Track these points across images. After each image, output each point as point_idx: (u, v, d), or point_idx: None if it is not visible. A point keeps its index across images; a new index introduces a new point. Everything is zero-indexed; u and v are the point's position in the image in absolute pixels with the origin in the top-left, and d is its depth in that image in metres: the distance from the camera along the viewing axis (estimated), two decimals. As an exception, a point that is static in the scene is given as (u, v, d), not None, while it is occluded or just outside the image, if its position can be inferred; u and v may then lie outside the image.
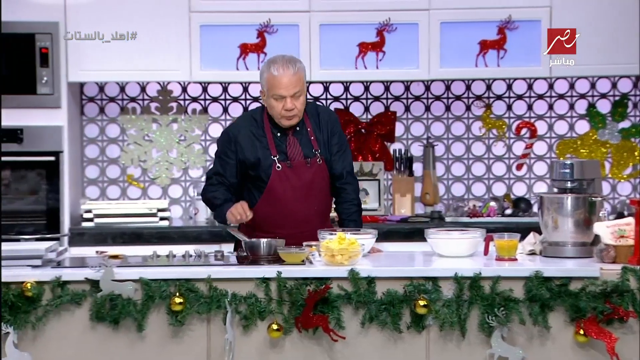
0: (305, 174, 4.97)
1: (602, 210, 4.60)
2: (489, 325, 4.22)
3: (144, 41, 6.26)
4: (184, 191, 6.81)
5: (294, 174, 4.95)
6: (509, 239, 4.52)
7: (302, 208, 4.93)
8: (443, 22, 6.36)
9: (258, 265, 4.43)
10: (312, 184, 4.97)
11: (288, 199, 4.94)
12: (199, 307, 4.25)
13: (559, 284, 4.24)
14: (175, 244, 5.62)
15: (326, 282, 4.25)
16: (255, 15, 6.37)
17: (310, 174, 4.98)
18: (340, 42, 6.41)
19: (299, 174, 4.96)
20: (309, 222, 4.91)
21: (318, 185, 4.99)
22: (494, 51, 6.37)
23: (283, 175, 4.95)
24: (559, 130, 6.82)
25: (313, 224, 4.88)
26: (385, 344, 4.28)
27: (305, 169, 4.98)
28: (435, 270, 4.34)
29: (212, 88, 6.78)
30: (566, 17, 6.31)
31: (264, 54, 6.38)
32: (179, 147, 6.78)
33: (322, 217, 5.03)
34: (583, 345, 4.25)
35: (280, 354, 4.30)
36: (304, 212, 4.93)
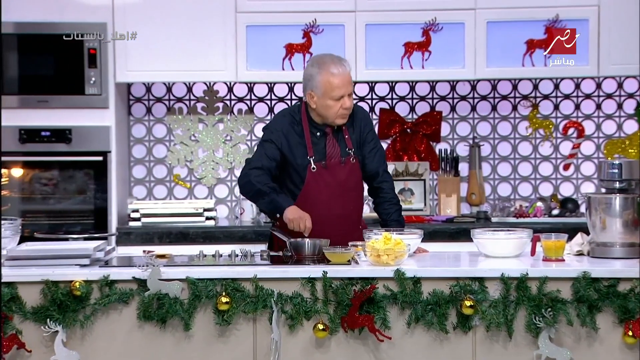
0: (339, 174, 4.99)
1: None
2: (536, 326, 4.20)
3: (190, 41, 6.29)
4: (230, 191, 6.83)
5: (329, 173, 4.97)
6: (556, 239, 4.49)
7: (336, 207, 4.95)
8: (489, 21, 6.33)
9: (303, 265, 4.44)
10: (347, 183, 4.99)
11: (323, 198, 4.95)
12: (245, 306, 4.26)
13: (607, 284, 4.21)
14: (221, 244, 5.65)
15: (372, 282, 4.25)
16: (301, 16, 6.37)
17: (345, 174, 5.00)
18: (385, 42, 6.40)
19: (333, 174, 4.97)
20: (343, 221, 4.93)
21: (352, 184, 5.02)
22: (540, 50, 6.32)
23: (318, 176, 4.97)
24: (607, 129, 6.76)
25: (347, 222, 4.91)
26: (431, 344, 4.27)
27: (339, 169, 4.99)
28: (482, 270, 4.32)
29: (258, 88, 6.80)
30: (614, 15, 6.25)
31: (309, 54, 6.38)
32: (224, 147, 6.81)
33: (356, 215, 5.05)
34: (632, 346, 4.21)
35: (326, 353, 4.30)
36: (338, 211, 4.94)
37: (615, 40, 6.27)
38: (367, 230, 4.78)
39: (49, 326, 4.26)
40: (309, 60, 5.14)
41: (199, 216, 6.35)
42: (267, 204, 4.93)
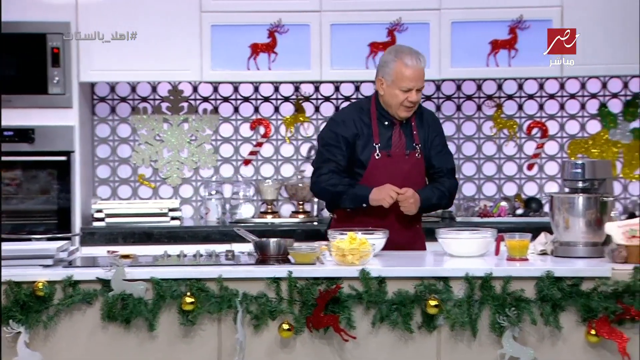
0: (403, 165, 5.01)
1: (614, 210, 4.59)
2: (500, 325, 4.21)
3: (154, 41, 6.27)
4: (195, 191, 6.81)
5: (392, 163, 4.99)
6: (520, 239, 4.51)
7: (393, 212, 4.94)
8: (454, 21, 6.36)
9: (268, 265, 4.43)
10: (409, 176, 5.00)
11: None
12: (209, 306, 4.25)
13: (571, 284, 4.23)
14: (186, 244, 5.62)
15: (337, 282, 4.25)
16: (266, 15, 6.37)
17: (408, 166, 5.02)
18: (351, 41, 6.41)
19: (396, 164, 5.00)
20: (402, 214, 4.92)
21: (414, 177, 5.02)
22: (505, 51, 6.36)
23: (381, 164, 4.99)
24: (570, 130, 6.81)
25: (406, 215, 4.92)
26: (396, 344, 4.28)
27: (403, 160, 5.01)
28: (446, 270, 4.34)
29: (223, 88, 6.79)
30: (577, 16, 6.30)
31: (274, 54, 6.38)
32: (189, 147, 6.79)
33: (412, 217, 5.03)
34: (594, 345, 4.24)
35: (291, 353, 4.29)
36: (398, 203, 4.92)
37: (579, 41, 6.30)
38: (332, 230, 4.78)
39: (11, 327, 4.23)
40: (388, 49, 5.14)
41: (163, 216, 6.33)
42: (350, 202, 4.97)
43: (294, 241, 4.62)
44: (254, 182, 6.80)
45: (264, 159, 6.85)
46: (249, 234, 4.80)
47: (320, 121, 6.82)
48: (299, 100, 6.82)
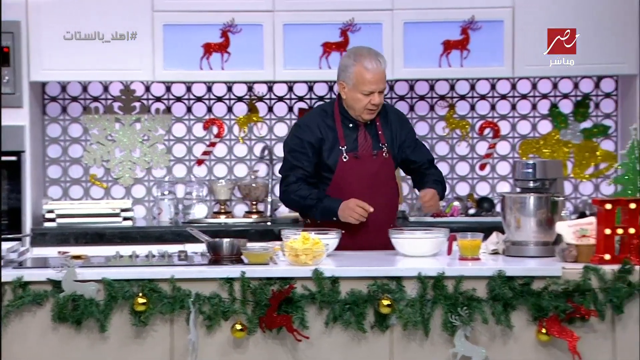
0: (371, 166, 5.00)
1: (564, 209, 4.63)
2: (452, 324, 4.23)
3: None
4: (148, 191, 6.78)
5: (360, 165, 4.99)
6: (472, 238, 4.53)
7: (367, 200, 4.90)
8: (406, 22, 6.38)
9: (221, 265, 4.42)
10: (378, 176, 5.00)
11: (354, 190, 4.95)
12: (162, 307, 4.23)
13: (522, 283, 4.26)
14: (139, 244, 5.59)
15: (290, 282, 4.25)
16: (219, 15, 6.35)
17: (376, 166, 5.02)
18: (304, 42, 6.41)
19: (364, 166, 4.99)
20: (374, 215, 4.89)
21: (383, 177, 5.03)
22: (457, 51, 6.39)
23: (349, 166, 4.98)
24: (522, 130, 6.86)
25: (378, 216, 4.90)
26: (349, 343, 4.28)
27: (371, 161, 5.01)
28: (399, 270, 4.35)
29: (176, 88, 6.76)
30: (528, 17, 6.35)
31: (227, 54, 6.37)
32: (142, 147, 6.75)
33: (387, 210, 5.03)
34: (545, 344, 4.27)
35: (244, 354, 4.29)
36: (369, 204, 4.89)
37: (530, 42, 6.36)
38: (286, 230, 4.78)
39: (-40, 329, 4.18)
40: (346, 51, 5.14)
41: (115, 216, 6.29)
42: (320, 215, 4.94)
43: (247, 241, 4.61)
44: (207, 182, 6.78)
45: (217, 159, 6.83)
46: (201, 234, 4.78)
47: (274, 121, 6.82)
48: (252, 100, 6.81)
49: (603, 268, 4.24)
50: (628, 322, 4.24)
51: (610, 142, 6.82)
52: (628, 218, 4.34)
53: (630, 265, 4.24)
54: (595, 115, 6.82)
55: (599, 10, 6.35)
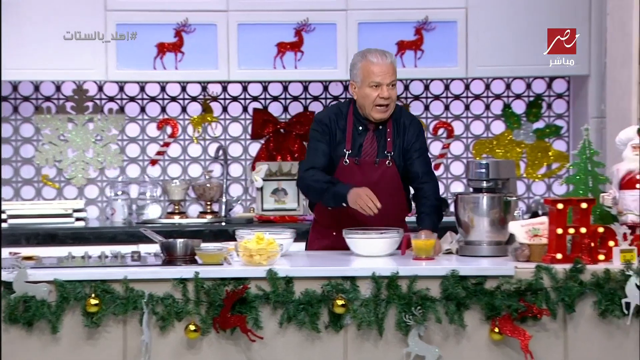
0: (371, 174, 4.92)
1: (517, 209, 4.66)
2: (406, 324, 4.24)
3: (58, 39, 6.18)
4: (101, 191, 6.73)
5: (360, 171, 4.91)
6: (426, 238, 4.55)
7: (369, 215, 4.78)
8: (360, 22, 6.40)
9: (175, 265, 4.40)
10: (378, 185, 4.87)
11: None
12: (115, 308, 4.20)
13: (475, 282, 4.28)
14: (91, 245, 5.56)
15: (244, 283, 4.24)
16: (173, 14, 6.33)
17: (377, 175, 4.93)
18: (258, 41, 6.40)
19: (365, 173, 4.91)
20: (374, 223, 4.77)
21: (385, 186, 4.90)
22: (411, 52, 6.42)
23: (348, 171, 4.91)
24: (475, 130, 6.90)
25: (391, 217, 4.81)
26: (303, 343, 4.28)
27: (372, 169, 4.93)
28: (353, 269, 4.35)
29: (129, 87, 6.72)
30: (482, 18, 6.39)
31: (181, 54, 6.35)
32: (95, 147, 6.71)
33: (387, 220, 4.81)
34: (498, 343, 4.29)
35: (198, 354, 4.27)
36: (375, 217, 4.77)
37: (483, 43, 6.41)
38: (241, 230, 4.77)
39: None
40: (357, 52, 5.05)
41: (68, 217, 6.25)
42: (331, 200, 4.82)
43: (201, 242, 4.60)
44: (161, 182, 6.74)
45: (171, 159, 6.80)
46: (155, 235, 4.75)
47: (229, 121, 6.80)
48: (207, 100, 6.79)
49: (555, 267, 4.28)
50: (579, 321, 4.28)
51: (562, 142, 6.88)
52: (579, 218, 4.38)
53: (582, 265, 4.27)
54: (548, 116, 6.88)
55: (550, 11, 6.41)
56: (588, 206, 4.39)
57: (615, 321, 4.27)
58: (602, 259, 4.36)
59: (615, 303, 4.24)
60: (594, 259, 4.35)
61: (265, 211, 6.69)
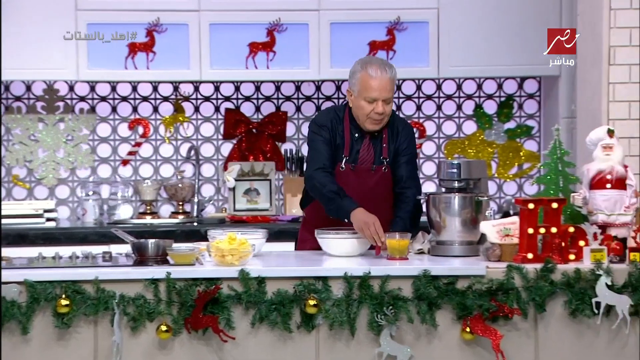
0: (367, 180, 4.91)
1: (488, 209, 4.67)
2: (378, 324, 4.25)
3: (29, 39, 6.14)
4: (72, 192, 6.70)
5: (356, 178, 4.89)
6: (400, 238, 4.55)
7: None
8: (333, 22, 6.40)
9: (146, 266, 4.39)
10: (373, 191, 4.88)
11: None
12: (85, 308, 4.19)
13: (446, 282, 4.29)
14: (62, 245, 5.53)
15: (216, 283, 4.23)
16: (144, 14, 6.31)
17: (373, 181, 4.92)
18: (230, 41, 6.40)
19: (360, 179, 4.90)
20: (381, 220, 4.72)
21: (380, 192, 4.91)
22: (383, 52, 6.43)
23: (344, 177, 4.88)
24: (447, 130, 6.92)
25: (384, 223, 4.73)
26: (275, 343, 4.28)
27: (368, 175, 4.92)
28: (325, 269, 4.35)
29: (100, 87, 6.69)
30: (453, 19, 6.41)
31: (153, 53, 6.33)
32: (66, 147, 6.68)
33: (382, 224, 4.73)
34: (469, 342, 4.31)
35: (169, 355, 4.26)
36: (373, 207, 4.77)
37: (455, 43, 6.43)
38: (212, 230, 4.76)
39: None
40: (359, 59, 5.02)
41: (38, 217, 6.21)
42: (334, 211, 4.77)
43: (173, 242, 4.58)
44: (132, 182, 6.72)
45: (142, 159, 6.78)
46: (126, 235, 4.73)
47: (200, 121, 6.79)
48: (178, 100, 6.77)
49: (526, 267, 4.29)
50: (550, 320, 4.30)
51: (534, 142, 6.91)
52: (550, 217, 4.40)
53: (552, 264, 4.29)
54: (519, 116, 6.91)
55: (522, 12, 6.44)
56: (559, 206, 4.41)
57: (585, 320, 4.29)
58: (572, 258, 4.38)
59: (585, 302, 4.27)
60: (565, 258, 4.38)
61: (237, 211, 6.68)
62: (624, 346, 4.30)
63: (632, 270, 4.29)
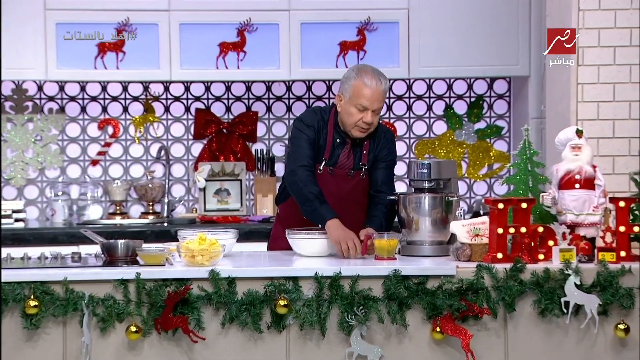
0: (344, 185, 4.91)
1: (459, 209, 4.68)
2: (349, 324, 4.25)
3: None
4: (41, 192, 6.66)
5: (333, 181, 4.89)
6: (388, 238, 4.55)
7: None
8: (303, 22, 6.40)
9: (116, 266, 4.37)
10: (349, 196, 4.88)
11: None
12: (54, 309, 4.16)
13: (417, 282, 4.30)
14: (31, 246, 5.50)
15: (186, 283, 4.22)
16: (113, 14, 6.29)
17: (350, 186, 4.92)
18: (200, 41, 6.39)
19: (337, 183, 4.89)
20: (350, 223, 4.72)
21: (356, 197, 4.91)
22: (353, 52, 6.44)
23: (321, 180, 4.86)
24: (418, 130, 6.93)
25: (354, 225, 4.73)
26: (246, 344, 4.27)
27: (345, 180, 4.92)
28: (296, 270, 4.35)
29: (70, 87, 6.66)
30: (424, 19, 6.43)
31: (122, 53, 6.31)
32: (35, 147, 6.64)
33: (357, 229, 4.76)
34: (439, 342, 4.31)
35: (139, 356, 4.24)
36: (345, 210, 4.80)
37: (425, 43, 6.45)
38: (183, 231, 4.75)
39: None
40: (353, 66, 4.99)
41: (7, 218, 6.18)
42: (310, 213, 4.76)
43: (142, 242, 4.57)
44: (102, 182, 6.69)
45: (112, 160, 6.75)
46: (96, 236, 4.71)
47: (171, 121, 6.77)
48: (149, 100, 6.75)
49: (495, 267, 4.31)
50: (519, 320, 4.32)
51: (504, 142, 6.94)
52: (520, 217, 4.42)
53: (522, 264, 4.31)
54: (489, 116, 6.94)
55: (491, 13, 6.47)
56: (528, 206, 4.43)
57: (554, 320, 4.31)
58: (541, 258, 4.40)
59: (554, 302, 4.29)
60: (534, 258, 4.39)
61: (207, 211, 6.67)
62: (593, 345, 4.33)
63: (600, 269, 4.31)
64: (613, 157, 5.21)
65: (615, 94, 5.22)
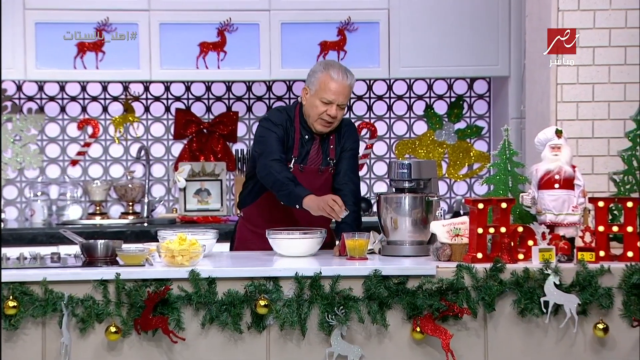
0: (314, 181, 4.92)
1: (439, 209, 4.69)
2: (329, 324, 4.25)
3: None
4: (20, 192, 6.64)
5: (304, 178, 4.88)
6: (358, 238, 4.55)
7: (303, 214, 4.81)
8: (284, 22, 6.40)
9: (95, 266, 4.35)
10: (320, 191, 4.85)
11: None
12: (33, 310, 4.15)
13: (397, 282, 4.30)
14: (10, 246, 5.48)
15: (166, 284, 4.21)
16: (93, 13, 6.27)
17: (320, 182, 4.95)
18: (181, 41, 6.37)
19: (308, 180, 4.89)
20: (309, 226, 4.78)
21: (327, 192, 4.90)
22: (334, 52, 6.44)
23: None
24: (398, 130, 6.94)
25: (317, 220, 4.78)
26: (226, 344, 4.27)
27: (316, 176, 4.95)
28: (276, 270, 4.35)
29: (49, 87, 6.63)
30: (404, 19, 6.44)
31: (102, 53, 6.29)
32: (14, 147, 6.61)
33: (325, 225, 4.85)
34: (419, 342, 4.32)
35: (119, 356, 4.23)
36: (306, 217, 4.82)
37: (405, 43, 6.46)
38: (163, 231, 4.74)
39: None
40: (321, 60, 5.04)
41: (-14, 218, 6.15)
42: (286, 196, 4.78)
43: (122, 242, 4.56)
44: (81, 182, 6.67)
45: (92, 160, 6.73)
46: (75, 236, 4.70)
47: (151, 121, 6.76)
48: (128, 100, 6.73)
49: (475, 267, 4.32)
50: (499, 319, 4.33)
51: (484, 142, 6.96)
52: (499, 217, 4.43)
53: (502, 264, 4.32)
54: (469, 117, 6.95)
55: (471, 13, 6.48)
56: (508, 206, 4.44)
57: (534, 319, 4.33)
58: (521, 258, 4.41)
59: (534, 302, 4.30)
60: (514, 258, 4.41)
61: (188, 212, 6.65)
62: (572, 344, 4.34)
63: (579, 269, 4.33)
64: (592, 157, 5.23)
65: (594, 94, 5.25)
